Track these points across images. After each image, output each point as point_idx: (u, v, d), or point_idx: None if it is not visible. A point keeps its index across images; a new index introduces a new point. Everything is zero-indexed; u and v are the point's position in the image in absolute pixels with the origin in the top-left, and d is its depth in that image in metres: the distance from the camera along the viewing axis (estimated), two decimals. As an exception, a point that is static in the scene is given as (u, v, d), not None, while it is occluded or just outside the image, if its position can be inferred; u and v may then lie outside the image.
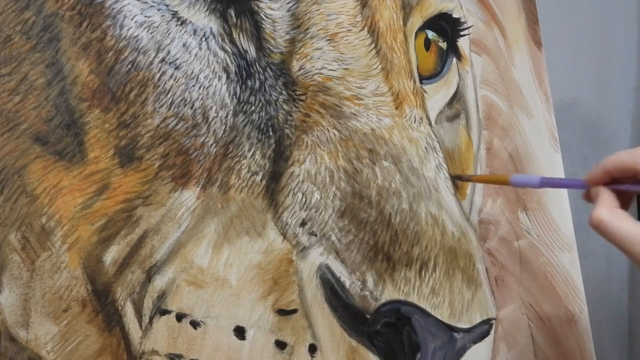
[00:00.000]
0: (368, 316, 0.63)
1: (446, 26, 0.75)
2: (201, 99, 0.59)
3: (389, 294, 0.63)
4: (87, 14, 0.56)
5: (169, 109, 0.58)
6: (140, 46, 0.57)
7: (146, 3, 0.57)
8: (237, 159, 0.60)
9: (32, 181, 0.54)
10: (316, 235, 0.61)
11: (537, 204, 0.85)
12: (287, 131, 0.61)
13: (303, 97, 0.62)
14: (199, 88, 0.59)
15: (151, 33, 0.57)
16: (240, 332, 0.60)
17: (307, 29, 0.63)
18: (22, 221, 0.53)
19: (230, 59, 0.60)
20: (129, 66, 0.57)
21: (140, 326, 0.57)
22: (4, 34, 0.53)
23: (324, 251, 0.61)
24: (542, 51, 0.90)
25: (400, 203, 0.63)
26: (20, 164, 0.53)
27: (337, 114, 0.63)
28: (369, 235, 0.62)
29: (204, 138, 0.59)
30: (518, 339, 0.80)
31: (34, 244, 0.53)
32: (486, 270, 0.74)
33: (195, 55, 0.59)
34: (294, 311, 0.61)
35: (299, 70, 0.62)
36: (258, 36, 0.61)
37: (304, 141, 0.62)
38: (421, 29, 0.72)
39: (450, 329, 0.65)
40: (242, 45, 0.61)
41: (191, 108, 0.58)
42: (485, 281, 0.69)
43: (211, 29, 0.60)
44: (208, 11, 0.60)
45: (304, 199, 0.61)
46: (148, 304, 0.57)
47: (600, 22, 1.45)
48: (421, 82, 0.71)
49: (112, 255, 0.56)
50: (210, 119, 0.59)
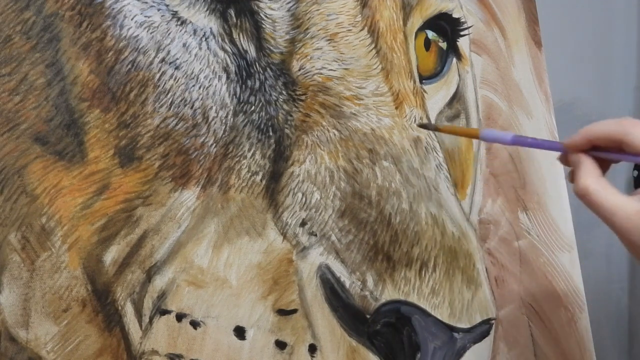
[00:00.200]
0: (368, 316, 0.63)
1: (446, 26, 0.75)
2: (201, 99, 0.59)
3: (389, 294, 0.63)
4: (87, 14, 0.56)
5: (169, 109, 0.58)
6: (140, 46, 0.57)
7: (146, 3, 0.57)
8: (237, 159, 0.60)
9: (32, 181, 0.54)
10: (316, 235, 0.61)
11: (537, 204, 0.85)
12: (287, 131, 0.61)
13: (303, 97, 0.62)
14: (199, 88, 0.59)
15: (151, 33, 0.57)
16: (240, 332, 0.60)
17: (307, 29, 0.63)
18: (22, 221, 0.53)
19: (230, 59, 0.60)
20: (129, 66, 0.57)
21: (140, 326, 0.57)
22: (4, 34, 0.53)
23: (324, 251, 0.61)
24: (542, 51, 0.90)
25: (400, 203, 0.63)
26: (20, 164, 0.53)
27: (337, 114, 0.63)
28: (369, 235, 0.62)
29: (204, 138, 0.59)
30: (518, 339, 0.80)
31: (34, 244, 0.53)
32: (486, 270, 0.74)
33: (195, 55, 0.59)
34: (294, 311, 0.61)
35: (299, 70, 0.62)
36: (258, 36, 0.61)
37: (304, 141, 0.62)
38: (421, 29, 0.72)
39: (450, 329, 0.65)
40: (242, 45, 0.61)
41: (191, 108, 0.58)
42: (485, 281, 0.69)
43: (211, 29, 0.60)
44: (208, 11, 0.60)
45: (304, 199, 0.61)
46: (148, 304, 0.57)
47: (600, 22, 1.45)
48: (421, 82, 0.71)
49: (112, 255, 0.56)
50: (210, 119, 0.59)
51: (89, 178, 0.55)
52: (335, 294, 0.62)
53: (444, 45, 0.75)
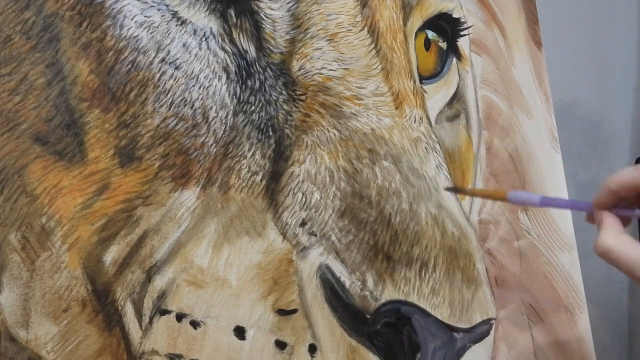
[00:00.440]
0: (368, 316, 0.63)
1: (446, 26, 0.75)
2: (201, 99, 0.59)
3: (389, 294, 0.63)
4: (87, 14, 0.56)
5: (169, 109, 0.58)
6: (140, 46, 0.57)
7: (146, 3, 0.57)
8: (237, 159, 0.60)
9: (32, 181, 0.54)
10: (316, 235, 0.61)
11: (537, 204, 0.85)
12: (287, 131, 0.61)
13: (303, 97, 0.62)
14: (199, 88, 0.59)
15: (151, 33, 0.57)
16: (240, 332, 0.60)
17: (307, 29, 0.63)
18: (22, 221, 0.53)
19: (230, 59, 0.60)
20: (129, 66, 0.57)
21: (140, 326, 0.57)
22: (4, 34, 0.53)
23: (324, 251, 0.61)
24: (542, 51, 0.90)
25: (400, 203, 0.63)
26: (20, 164, 0.53)
27: (337, 114, 0.63)
28: (369, 235, 0.62)
29: (204, 138, 0.59)
30: (518, 339, 0.80)
31: (34, 244, 0.53)
32: (486, 270, 0.74)
33: (195, 55, 0.59)
34: (294, 311, 0.61)
35: (299, 70, 0.62)
36: (258, 36, 0.61)
37: (304, 141, 0.62)
38: (421, 29, 0.72)
39: (450, 329, 0.65)
40: (242, 45, 0.61)
41: (191, 108, 0.58)
42: (485, 281, 0.69)
43: (211, 29, 0.60)
44: (208, 11, 0.60)
45: (304, 199, 0.61)
46: (148, 304, 0.57)
47: (600, 22, 1.45)
48: (421, 82, 0.71)
49: (112, 255, 0.56)
50: (210, 119, 0.59)
51: (89, 178, 0.55)
52: (335, 294, 0.62)
53: (444, 45, 0.75)
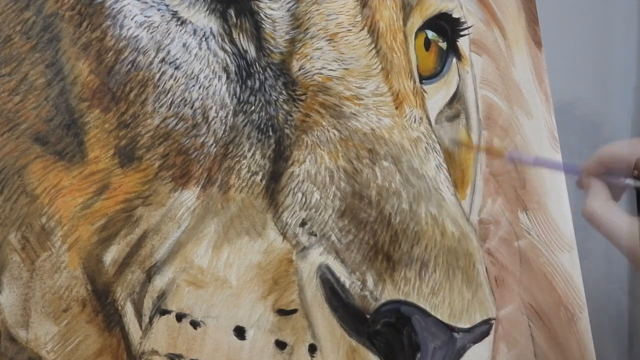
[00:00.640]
0: (368, 316, 0.62)
1: (446, 26, 0.75)
2: (201, 99, 0.59)
3: (389, 294, 0.63)
4: (87, 14, 0.56)
5: (169, 109, 0.58)
6: (140, 46, 0.57)
7: (146, 3, 0.57)
8: (237, 159, 0.60)
9: (32, 181, 0.54)
10: (316, 235, 0.61)
11: (537, 204, 0.85)
12: (287, 131, 0.61)
13: (303, 97, 0.62)
14: (199, 88, 0.59)
15: (151, 33, 0.57)
16: (240, 332, 0.60)
17: (307, 29, 0.63)
18: (22, 221, 0.53)
19: (230, 59, 0.60)
20: (129, 66, 0.57)
21: (140, 326, 0.57)
22: (4, 34, 0.53)
23: (324, 251, 0.61)
24: (542, 51, 0.90)
25: (400, 203, 0.63)
26: (20, 164, 0.53)
27: (337, 114, 0.63)
28: (369, 235, 0.62)
29: (204, 138, 0.59)
30: (518, 339, 0.80)
31: (34, 244, 0.53)
32: (486, 270, 0.74)
33: (195, 55, 0.59)
34: (294, 311, 0.61)
35: (299, 70, 0.62)
36: (258, 36, 0.61)
37: (304, 141, 0.62)
38: (421, 29, 0.72)
39: (450, 329, 0.65)
40: (242, 45, 0.61)
41: (191, 108, 0.59)
42: (485, 281, 0.69)
43: (211, 29, 0.60)
44: (208, 11, 0.60)
45: (304, 199, 0.61)
46: (148, 304, 0.57)
47: (600, 22, 1.45)
48: (421, 82, 0.71)
49: (112, 255, 0.56)
50: (210, 119, 0.59)
51: (89, 178, 0.55)
52: (335, 294, 0.62)
53: (444, 45, 0.75)
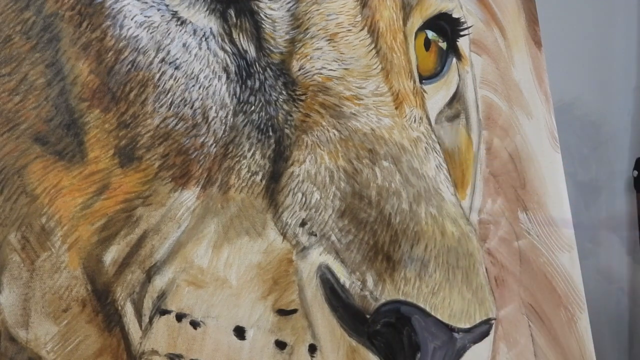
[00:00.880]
0: (368, 316, 0.62)
1: (446, 26, 0.75)
2: (201, 99, 0.59)
3: (389, 294, 0.63)
4: (87, 14, 0.56)
5: (169, 109, 0.58)
6: (140, 46, 0.57)
7: (146, 3, 0.57)
8: (237, 159, 0.60)
9: (32, 181, 0.54)
10: (316, 235, 0.61)
11: (537, 204, 0.85)
12: (287, 131, 0.61)
13: (303, 97, 0.62)
14: (199, 88, 0.59)
15: (151, 33, 0.57)
16: (240, 332, 0.60)
17: (307, 29, 0.63)
18: (22, 221, 0.53)
19: (230, 59, 0.60)
20: (129, 66, 0.57)
21: (140, 326, 0.57)
22: (4, 34, 0.53)
23: (324, 251, 0.61)
24: (542, 51, 0.90)
25: (400, 203, 0.63)
26: (20, 164, 0.53)
27: (337, 114, 0.63)
28: (369, 235, 0.62)
29: (204, 138, 0.59)
30: (518, 339, 0.80)
31: (34, 244, 0.53)
32: (486, 270, 0.74)
33: (195, 55, 0.59)
34: (294, 311, 0.61)
35: (299, 70, 0.62)
36: (258, 36, 0.61)
37: (304, 141, 0.62)
38: (421, 29, 0.72)
39: (450, 329, 0.65)
40: (242, 45, 0.61)
41: (191, 108, 0.59)
42: (485, 281, 0.69)
43: (211, 29, 0.60)
44: (208, 11, 0.60)
45: (304, 199, 0.61)
46: (148, 304, 0.57)
47: (600, 22, 1.45)
48: (421, 82, 0.71)
49: (112, 255, 0.56)
50: (210, 119, 0.59)
51: (89, 178, 0.55)
52: (335, 294, 0.62)
53: (443, 45, 0.75)
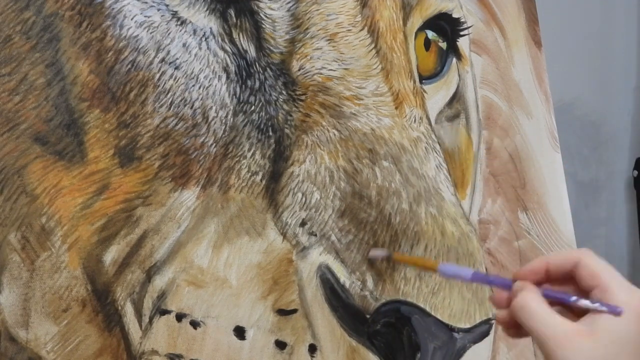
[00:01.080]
0: (368, 316, 0.62)
1: (446, 26, 0.75)
2: (201, 99, 0.59)
3: (389, 294, 0.63)
4: (87, 14, 0.56)
5: (169, 108, 0.58)
6: (140, 46, 0.57)
7: (146, 3, 0.57)
8: (237, 159, 0.60)
9: (32, 181, 0.54)
10: (316, 235, 0.61)
11: (537, 204, 0.85)
12: (287, 131, 0.61)
13: (303, 97, 0.62)
14: (199, 88, 0.59)
15: (151, 33, 0.57)
16: (240, 332, 0.60)
17: (307, 29, 0.63)
18: (22, 221, 0.53)
19: (230, 59, 0.60)
20: (129, 66, 0.57)
21: (140, 326, 0.57)
22: (4, 34, 0.53)
23: (324, 251, 0.61)
24: (542, 51, 0.90)
25: (400, 203, 0.63)
26: (20, 164, 0.53)
27: (337, 114, 0.63)
28: (369, 235, 0.62)
29: (203, 138, 0.59)
30: (518, 339, 0.80)
31: (34, 244, 0.53)
32: (486, 270, 0.74)
33: (195, 55, 0.59)
34: (294, 311, 0.61)
35: (299, 70, 0.62)
36: (258, 36, 0.61)
37: (304, 141, 0.62)
38: (421, 29, 0.72)
39: (450, 329, 0.65)
40: (242, 45, 0.61)
41: (191, 108, 0.58)
42: (485, 281, 0.69)
43: (211, 29, 0.60)
44: (208, 11, 0.60)
45: (303, 199, 0.61)
46: (148, 304, 0.57)
47: (600, 23, 1.45)
48: (421, 82, 0.71)
49: (112, 255, 0.56)
50: (210, 118, 0.59)
51: (89, 178, 0.55)
52: (335, 294, 0.62)
53: (443, 45, 0.75)
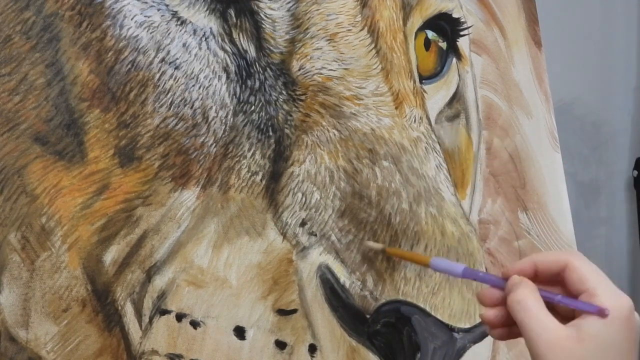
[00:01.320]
0: (368, 316, 0.63)
1: (446, 26, 0.75)
2: (201, 99, 0.59)
3: (389, 294, 0.63)
4: (87, 13, 0.56)
5: (169, 108, 0.58)
6: (140, 46, 0.57)
7: (146, 3, 0.57)
8: (237, 159, 0.60)
9: (32, 181, 0.54)
10: (316, 235, 0.61)
11: (537, 204, 0.85)
12: (287, 131, 0.61)
13: (303, 97, 0.62)
14: (199, 88, 0.59)
15: (151, 33, 0.57)
16: (240, 332, 0.60)
17: (307, 29, 0.63)
18: (22, 221, 0.53)
19: (230, 59, 0.60)
20: (129, 66, 0.57)
21: (140, 326, 0.57)
22: (4, 34, 0.53)
23: (323, 251, 0.61)
24: (542, 51, 0.90)
25: (400, 203, 0.63)
26: (20, 164, 0.53)
27: (337, 114, 0.63)
28: (369, 235, 0.62)
29: (203, 138, 0.59)
30: (518, 339, 0.80)
31: (34, 244, 0.53)
32: (486, 270, 0.74)
33: (195, 55, 0.59)
34: (294, 311, 0.61)
35: (299, 70, 0.62)
36: (258, 36, 0.61)
37: (304, 141, 0.62)
38: (421, 29, 0.72)
39: (450, 329, 0.65)
40: (242, 45, 0.61)
41: (191, 108, 0.58)
42: (485, 281, 0.69)
43: (211, 28, 0.60)
44: (208, 11, 0.60)
45: (303, 199, 0.61)
46: (148, 304, 0.57)
47: (600, 23, 1.45)
48: (421, 82, 0.71)
49: (112, 255, 0.56)
50: (210, 118, 0.59)
51: (89, 178, 0.55)
52: (335, 294, 0.62)
53: (443, 45, 0.75)
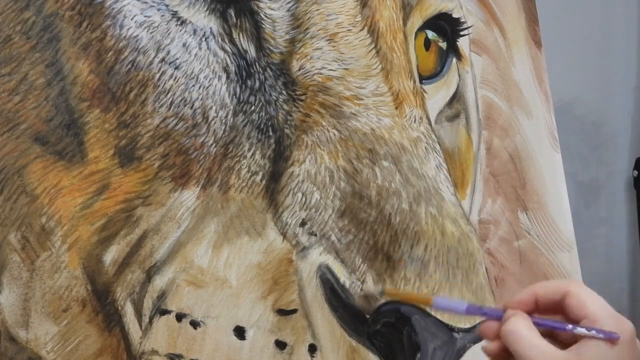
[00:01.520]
0: (368, 316, 0.63)
1: (446, 26, 0.75)
2: (201, 99, 0.59)
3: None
4: (87, 14, 0.56)
5: (169, 108, 0.58)
6: (140, 46, 0.57)
7: (146, 3, 0.57)
8: (237, 159, 0.60)
9: (32, 181, 0.54)
10: (316, 235, 0.61)
11: (537, 204, 0.85)
12: (287, 131, 0.61)
13: (303, 97, 0.62)
14: (199, 88, 0.59)
15: (151, 33, 0.57)
16: (240, 332, 0.60)
17: (307, 29, 0.63)
18: (22, 221, 0.53)
19: (230, 59, 0.60)
20: (129, 66, 0.57)
21: (140, 326, 0.57)
22: (4, 34, 0.53)
23: (323, 251, 0.61)
24: (542, 51, 0.90)
25: (400, 203, 0.63)
26: (20, 164, 0.53)
27: (337, 114, 0.63)
28: (369, 235, 0.62)
29: (203, 138, 0.59)
30: None
31: (34, 244, 0.53)
32: (486, 270, 0.74)
33: (195, 55, 0.59)
34: (294, 311, 0.61)
35: (299, 70, 0.62)
36: (258, 36, 0.61)
37: (304, 141, 0.62)
38: (421, 29, 0.72)
39: (450, 329, 0.65)
40: (242, 45, 0.61)
41: (191, 108, 0.59)
42: (485, 281, 0.69)
43: (211, 28, 0.60)
44: (208, 11, 0.60)
45: (303, 199, 0.61)
46: (148, 304, 0.57)
47: (600, 23, 1.45)
48: (421, 82, 0.71)
49: (112, 255, 0.56)
50: (210, 118, 0.59)
51: (89, 178, 0.55)
52: (335, 294, 0.62)
53: (443, 45, 0.75)
